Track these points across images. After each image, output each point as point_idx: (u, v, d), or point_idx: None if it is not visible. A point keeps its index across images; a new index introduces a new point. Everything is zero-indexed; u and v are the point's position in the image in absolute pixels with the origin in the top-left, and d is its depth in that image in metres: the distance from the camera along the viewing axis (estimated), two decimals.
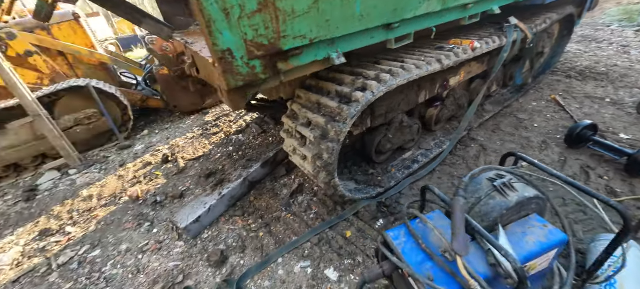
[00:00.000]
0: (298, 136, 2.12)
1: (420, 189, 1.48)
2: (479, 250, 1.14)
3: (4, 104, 3.41)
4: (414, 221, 1.33)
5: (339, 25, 1.44)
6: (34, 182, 3.64)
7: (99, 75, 4.35)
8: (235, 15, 1.11)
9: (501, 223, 1.19)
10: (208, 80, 1.89)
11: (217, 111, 4.85)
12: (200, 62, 1.83)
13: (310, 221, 2.34)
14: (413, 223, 1.32)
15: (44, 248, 2.54)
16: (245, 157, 3.37)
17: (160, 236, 2.45)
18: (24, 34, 3.65)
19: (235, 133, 3.95)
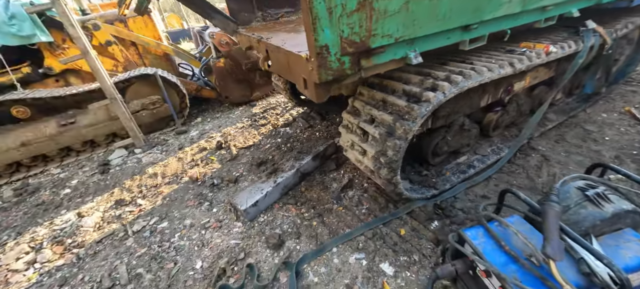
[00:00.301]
0: (359, 131, 2.18)
1: (500, 192, 1.46)
2: (568, 258, 1.12)
3: (87, 87, 3.87)
4: (491, 223, 1.33)
5: (423, 25, 1.47)
6: (105, 157, 4.09)
7: (163, 65, 4.76)
8: (337, 13, 1.19)
9: (593, 233, 1.15)
10: (280, 73, 2.01)
11: (263, 104, 5.07)
12: (276, 56, 1.96)
13: (362, 215, 2.40)
14: (491, 225, 1.32)
15: (120, 216, 2.86)
16: (293, 149, 3.51)
17: (220, 216, 2.64)
18: (106, 26, 4.10)
19: (282, 126, 4.11)
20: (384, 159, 1.93)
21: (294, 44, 1.77)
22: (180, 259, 2.26)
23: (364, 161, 2.18)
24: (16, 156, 3.73)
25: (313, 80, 1.38)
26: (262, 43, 2.18)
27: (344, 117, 2.34)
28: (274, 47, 1.91)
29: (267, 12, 3.51)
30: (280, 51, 1.81)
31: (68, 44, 3.97)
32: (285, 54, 1.72)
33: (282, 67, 1.91)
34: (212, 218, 2.63)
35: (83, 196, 3.29)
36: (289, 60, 1.68)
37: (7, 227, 2.98)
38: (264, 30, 2.88)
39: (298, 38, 2.05)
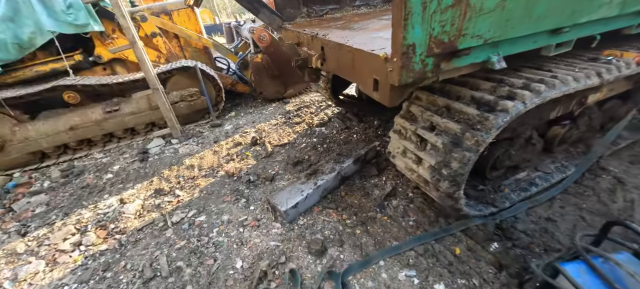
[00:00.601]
0: (415, 138, 2.03)
1: (605, 223, 1.27)
2: None
3: (132, 77, 3.98)
4: (596, 259, 1.14)
5: (515, 26, 1.30)
6: (144, 145, 4.19)
7: (202, 58, 4.82)
8: (431, 8, 1.05)
9: None
10: (339, 72, 1.90)
11: (296, 102, 5.01)
12: (335, 54, 1.85)
13: (410, 228, 2.24)
14: (596, 260, 1.13)
15: (159, 205, 2.89)
16: (330, 150, 3.40)
17: (257, 214, 2.59)
18: (152, 18, 4.21)
19: (317, 125, 4.01)
20: (446, 171, 1.77)
21: (360, 42, 1.66)
22: (220, 256, 2.22)
23: (418, 170, 2.03)
24: (65, 138, 3.91)
25: (391, 82, 1.25)
26: (317, 40, 2.08)
27: (397, 122, 2.19)
28: (334, 45, 1.81)
29: (312, 8, 3.42)
30: (343, 49, 1.70)
31: (117, 34, 4.11)
32: (350, 52, 1.61)
33: (343, 66, 1.80)
34: (250, 216, 2.58)
35: (124, 182, 3.37)
36: (355, 60, 1.57)
37: (55, 207, 3.10)
38: (310, 26, 2.79)
39: (357, 36, 1.94)
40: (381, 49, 1.40)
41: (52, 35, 3.53)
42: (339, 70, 1.88)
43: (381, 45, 1.49)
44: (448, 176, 1.78)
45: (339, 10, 3.57)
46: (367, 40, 1.71)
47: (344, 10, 3.59)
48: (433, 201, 2.39)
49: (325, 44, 1.95)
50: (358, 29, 2.27)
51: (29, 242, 2.64)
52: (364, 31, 2.11)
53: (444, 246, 2.04)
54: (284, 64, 4.75)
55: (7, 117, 3.58)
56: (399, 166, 2.37)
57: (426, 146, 1.95)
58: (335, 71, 1.95)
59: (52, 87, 3.57)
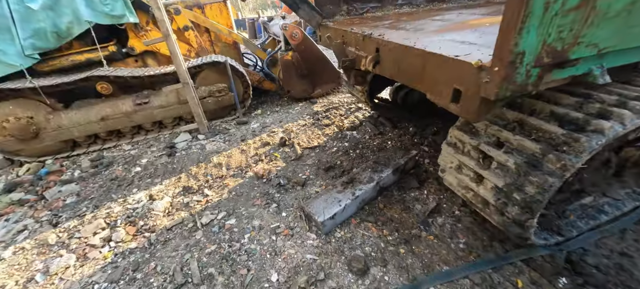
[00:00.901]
0: (475, 154, 1.83)
1: None
2: None
3: (163, 70, 3.94)
4: None
5: (638, 34, 1.08)
6: (171, 139, 4.16)
7: (231, 53, 4.75)
8: (553, 11, 0.86)
9: None
10: (400, 77, 1.72)
11: (324, 102, 4.85)
12: (397, 57, 1.67)
13: (460, 251, 2.04)
14: None
15: (188, 204, 2.81)
16: (363, 157, 3.23)
17: (290, 222, 2.45)
18: (186, 11, 4.16)
19: (348, 129, 3.84)
20: (519, 196, 1.56)
21: (432, 45, 1.47)
22: (253, 266, 2.09)
23: (477, 190, 1.83)
24: (96, 128, 3.93)
25: (485, 94, 1.07)
26: (371, 40, 1.91)
27: (453, 134, 1.99)
28: (395, 47, 1.63)
29: (353, 6, 3.25)
30: (408, 52, 1.52)
31: (150, 26, 4.08)
32: (419, 56, 1.43)
33: (405, 71, 1.62)
34: (282, 223, 2.44)
35: (152, 176, 3.33)
36: (428, 65, 1.39)
37: (85, 198, 3.09)
38: (354, 24, 2.61)
39: (421, 37, 1.75)
40: (466, 54, 1.22)
41: (89, 25, 3.53)
42: (398, 75, 1.70)
43: (462, 50, 1.30)
44: (521, 201, 1.57)
45: (380, 9, 3.37)
46: (437, 43, 1.52)
47: (385, 9, 3.39)
48: (486, 222, 2.18)
49: (383, 45, 1.77)
50: (413, 29, 2.07)
51: (60, 233, 2.62)
52: (423, 33, 1.92)
53: (504, 276, 1.82)
54: (314, 63, 4.63)
55: (42, 105, 3.63)
56: (449, 182, 2.17)
57: (491, 165, 1.75)
58: (392, 76, 1.77)
59: (87, 77, 3.58)
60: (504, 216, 1.73)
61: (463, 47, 1.41)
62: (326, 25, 2.81)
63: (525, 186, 1.55)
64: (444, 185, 2.62)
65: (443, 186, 2.63)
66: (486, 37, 1.63)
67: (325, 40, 2.92)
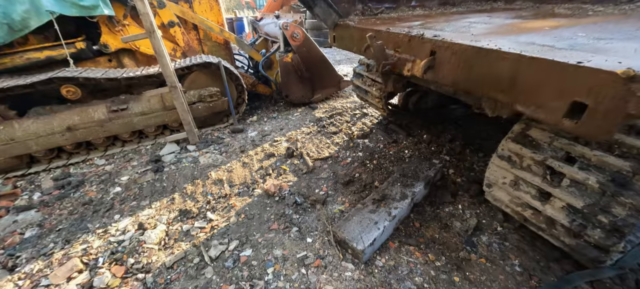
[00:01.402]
0: (539, 169, 1.65)
1: None
2: None
3: (145, 71, 3.39)
4: None
5: None
6: (154, 151, 3.61)
7: (221, 53, 4.28)
8: None
9: None
10: (466, 85, 1.48)
11: (325, 108, 4.55)
12: (462, 61, 1.43)
13: (518, 275, 1.85)
14: None
15: (189, 233, 2.35)
16: (381, 168, 2.98)
17: (318, 249, 2.12)
18: (171, 4, 3.63)
19: (359, 137, 3.58)
20: (604, 218, 1.39)
21: (514, 48, 1.24)
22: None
23: (541, 208, 1.65)
24: (60, 141, 3.26)
25: (632, 110, 0.85)
26: (424, 41, 1.65)
27: (507, 147, 1.80)
28: (469, 49, 1.38)
29: (368, 5, 2.99)
30: (493, 56, 1.28)
31: (129, 20, 3.50)
32: (514, 62, 1.19)
33: (483, 79, 1.38)
34: (309, 252, 2.10)
35: (138, 198, 2.80)
36: (526, 72, 1.15)
37: (51, 229, 2.49)
38: (372, 25, 2.36)
39: (478, 39, 1.52)
40: (588, 61, 1.00)
41: (51, 17, 2.90)
42: (466, 83, 1.46)
43: (565, 56, 1.09)
44: (608, 224, 1.40)
45: (395, 10, 3.16)
46: (519, 46, 1.30)
47: (399, 10, 3.19)
48: (536, 240, 2.02)
49: (443, 47, 1.52)
50: (459, 31, 1.86)
51: (20, 281, 2.04)
52: (482, 35, 1.71)
53: None
54: (315, 66, 4.32)
55: None
56: (497, 199, 1.98)
57: (562, 182, 1.57)
58: (453, 83, 1.52)
59: (49, 79, 2.94)
60: (580, 238, 1.56)
61: (562, 52, 1.20)
62: (346, 25, 2.52)
63: (613, 208, 1.38)
64: (477, 199, 2.46)
65: (476, 200, 2.46)
66: (568, 41, 1.45)
67: (344, 41, 2.64)
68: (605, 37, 1.53)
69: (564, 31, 1.74)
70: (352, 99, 4.81)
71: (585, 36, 1.59)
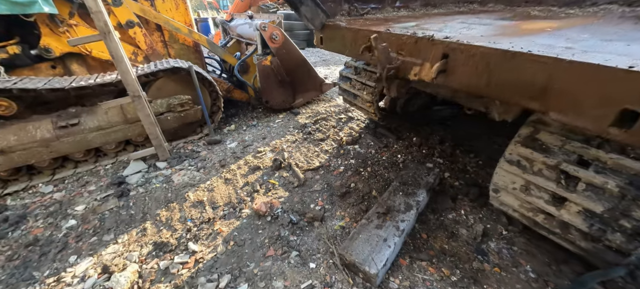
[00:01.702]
0: (552, 174, 1.61)
1: None
2: None
3: (100, 79, 2.90)
4: None
5: None
6: (116, 171, 3.11)
7: (191, 57, 3.85)
8: None
9: None
10: (486, 91, 1.37)
11: (308, 113, 4.33)
12: (486, 66, 1.31)
13: (534, 282, 1.80)
14: None
15: (168, 271, 2.00)
16: (376, 175, 2.85)
17: (324, 276, 1.90)
18: (129, 2, 3.15)
19: (348, 143, 3.42)
20: (627, 222, 1.37)
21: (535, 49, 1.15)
22: None
23: (556, 214, 1.61)
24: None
25: None
26: (435, 43, 1.52)
27: (515, 151, 1.75)
28: (492, 52, 1.27)
29: (354, 5, 2.84)
30: (522, 59, 1.17)
31: (76, 20, 2.96)
32: (548, 66, 1.09)
33: (509, 83, 1.28)
34: (315, 280, 1.88)
35: (99, 232, 2.35)
36: (564, 77, 1.06)
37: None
38: (361, 25, 2.22)
39: (493, 41, 1.43)
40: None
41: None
42: (487, 88, 1.35)
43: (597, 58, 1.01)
44: (629, 228, 1.37)
45: (380, 11, 3.05)
46: (545, 48, 1.21)
47: (384, 11, 3.09)
48: (542, 241, 2.00)
49: (459, 50, 1.40)
50: (457, 31, 1.78)
51: None
52: (490, 36, 1.62)
53: None
54: (295, 69, 4.08)
55: None
56: (505, 203, 1.93)
57: (577, 186, 1.54)
58: (471, 88, 1.41)
59: None
60: (599, 242, 1.53)
61: (596, 55, 1.12)
62: (337, 26, 2.34)
63: (634, 211, 1.36)
64: (478, 202, 2.43)
65: (477, 203, 2.42)
66: (581, 43, 1.40)
67: (333, 43, 2.45)
68: (608, 39, 1.52)
69: (566, 32, 1.72)
70: (335, 103, 4.65)
71: (589, 37, 1.57)
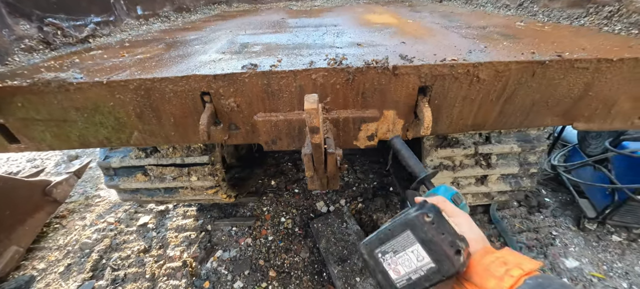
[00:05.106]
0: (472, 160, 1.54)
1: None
2: None
3: None
4: None
5: None
6: None
7: None
8: None
9: None
10: (513, 123, 0.86)
11: (58, 258, 2.02)
12: (501, 88, 0.75)
13: None
14: None
15: None
16: (291, 270, 1.83)
17: None
18: None
19: (201, 260, 1.93)
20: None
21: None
22: None
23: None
24: None
25: None
26: (407, 72, 0.74)
27: (438, 156, 1.55)
28: (525, 67, 0.71)
29: (54, 26, 1.24)
30: (581, 68, 0.71)
31: None
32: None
33: (533, 104, 0.83)
34: None
35: None
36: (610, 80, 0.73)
37: None
38: (97, 66, 1.00)
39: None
40: None
41: None
42: (499, 117, 0.83)
43: None
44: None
45: (116, 27, 1.61)
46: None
47: (124, 27, 1.67)
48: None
49: (464, 74, 0.74)
50: (352, 45, 1.11)
51: None
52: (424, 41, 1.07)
53: None
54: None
55: None
56: None
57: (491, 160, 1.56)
58: (466, 127, 0.86)
59: None
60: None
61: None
62: (49, 84, 0.84)
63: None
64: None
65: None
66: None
67: (35, 129, 0.93)
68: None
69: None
70: (98, 210, 2.49)
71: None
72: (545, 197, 2.27)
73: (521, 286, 0.43)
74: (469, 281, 0.48)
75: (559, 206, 2.19)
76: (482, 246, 0.51)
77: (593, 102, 0.83)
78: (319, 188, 0.90)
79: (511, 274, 0.44)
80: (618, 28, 1.06)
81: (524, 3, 1.65)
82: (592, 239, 1.94)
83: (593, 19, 1.20)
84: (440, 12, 1.99)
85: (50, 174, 2.88)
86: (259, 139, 0.93)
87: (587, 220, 1.99)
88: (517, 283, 0.43)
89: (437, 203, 0.53)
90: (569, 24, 1.30)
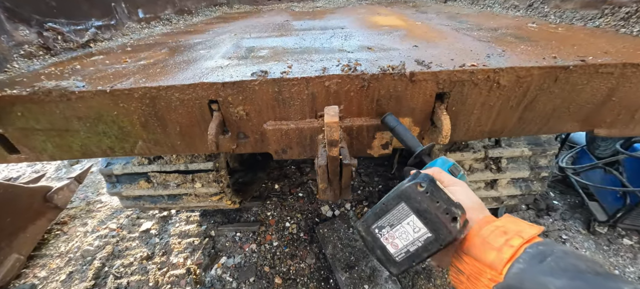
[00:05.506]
0: (482, 164, 1.51)
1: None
2: None
3: None
4: None
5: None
6: None
7: None
8: None
9: None
10: (540, 129, 0.82)
11: (61, 266, 1.99)
12: (524, 92, 0.71)
13: None
14: None
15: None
16: (297, 277, 1.80)
17: None
18: None
19: (206, 268, 1.91)
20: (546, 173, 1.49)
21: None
22: None
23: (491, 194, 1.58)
24: None
25: None
26: (424, 78, 0.71)
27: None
28: (540, 72, 0.68)
29: (55, 30, 1.20)
30: (606, 73, 0.68)
31: None
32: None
33: (554, 110, 0.79)
34: None
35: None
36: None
37: None
38: (103, 73, 0.97)
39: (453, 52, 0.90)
40: None
41: None
42: (518, 123, 0.80)
43: None
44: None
45: (117, 31, 1.58)
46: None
47: (126, 30, 1.64)
48: None
49: (484, 79, 0.71)
50: (361, 49, 1.08)
51: None
52: (433, 45, 1.04)
53: None
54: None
55: None
56: None
57: (501, 163, 1.52)
58: (484, 133, 0.82)
59: None
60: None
61: None
62: (62, 94, 0.80)
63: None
64: None
65: None
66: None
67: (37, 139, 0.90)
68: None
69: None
70: (100, 216, 2.47)
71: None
72: (553, 200, 2.23)
73: (522, 255, 0.40)
74: (468, 255, 0.45)
75: (567, 209, 2.16)
76: (482, 215, 0.48)
77: (616, 107, 0.80)
78: (331, 199, 0.87)
79: (511, 244, 0.41)
80: (637, 30, 1.03)
81: (534, 3, 1.61)
82: (603, 243, 1.91)
83: (608, 20, 1.17)
84: (447, 13, 1.95)
85: (51, 179, 2.85)
86: (268, 148, 0.90)
87: (597, 223, 1.96)
88: (517, 252, 0.40)
89: (433, 174, 0.51)
90: (583, 25, 1.27)
